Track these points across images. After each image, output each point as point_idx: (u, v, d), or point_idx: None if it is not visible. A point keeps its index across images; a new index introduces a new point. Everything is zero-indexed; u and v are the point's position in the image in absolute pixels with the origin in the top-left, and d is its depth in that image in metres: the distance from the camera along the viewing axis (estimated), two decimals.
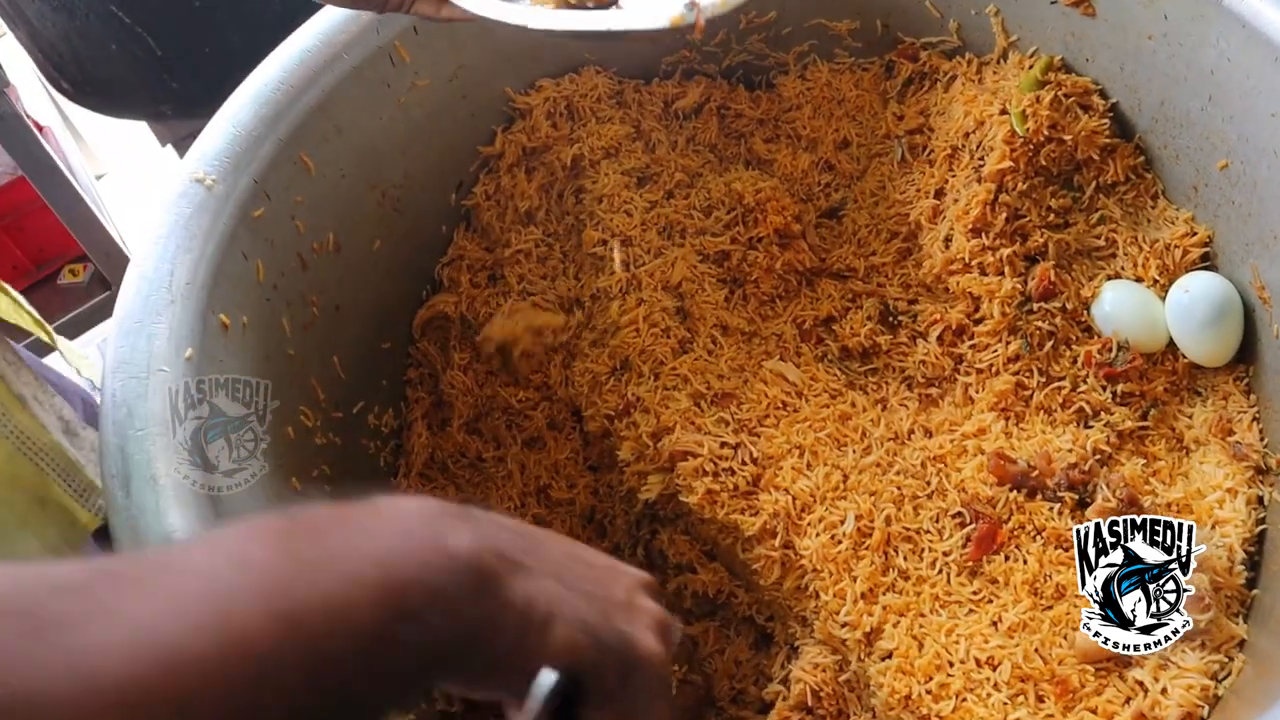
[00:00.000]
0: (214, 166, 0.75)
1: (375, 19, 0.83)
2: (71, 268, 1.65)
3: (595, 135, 0.92)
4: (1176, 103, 0.80)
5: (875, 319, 0.88)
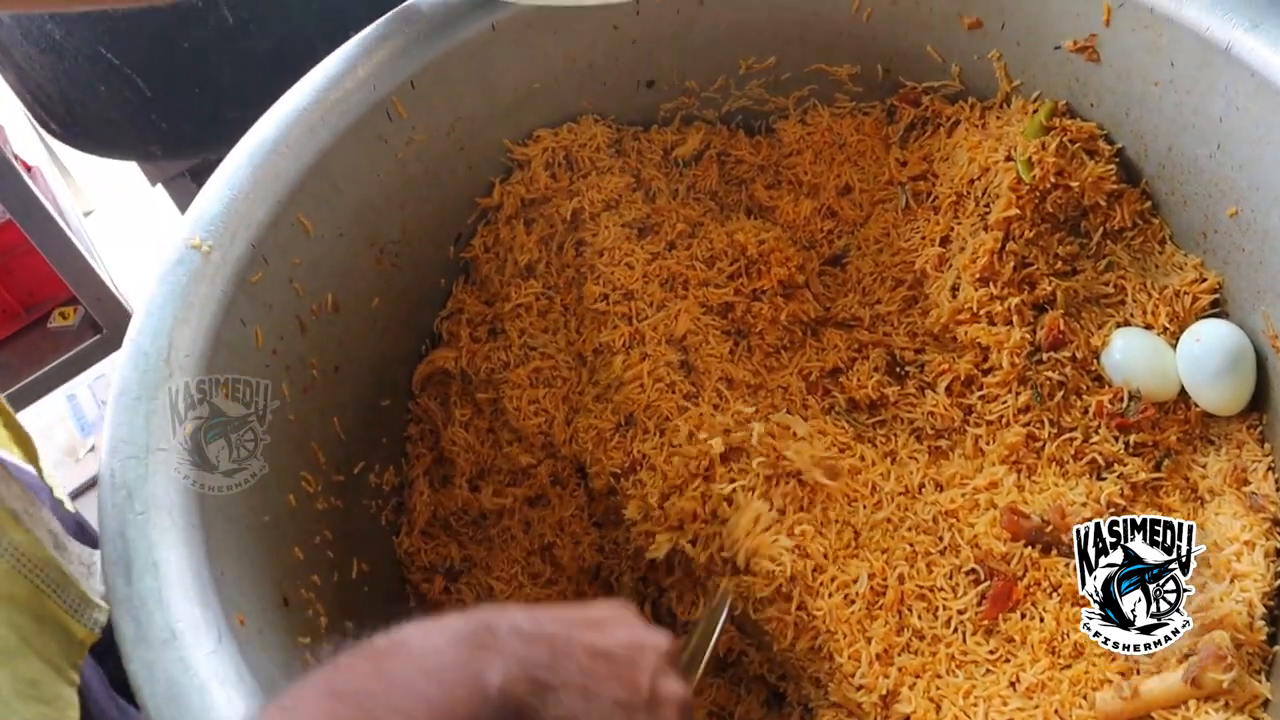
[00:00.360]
0: (210, 232, 0.73)
1: (371, 75, 0.82)
2: (62, 310, 1.63)
3: (595, 188, 0.91)
4: (1184, 149, 0.79)
5: (882, 370, 0.87)
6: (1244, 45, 0.70)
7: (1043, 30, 0.83)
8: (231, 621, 0.61)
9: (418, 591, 0.93)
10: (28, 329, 1.63)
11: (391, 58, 0.82)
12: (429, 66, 0.83)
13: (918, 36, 0.89)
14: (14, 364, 1.60)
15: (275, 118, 0.78)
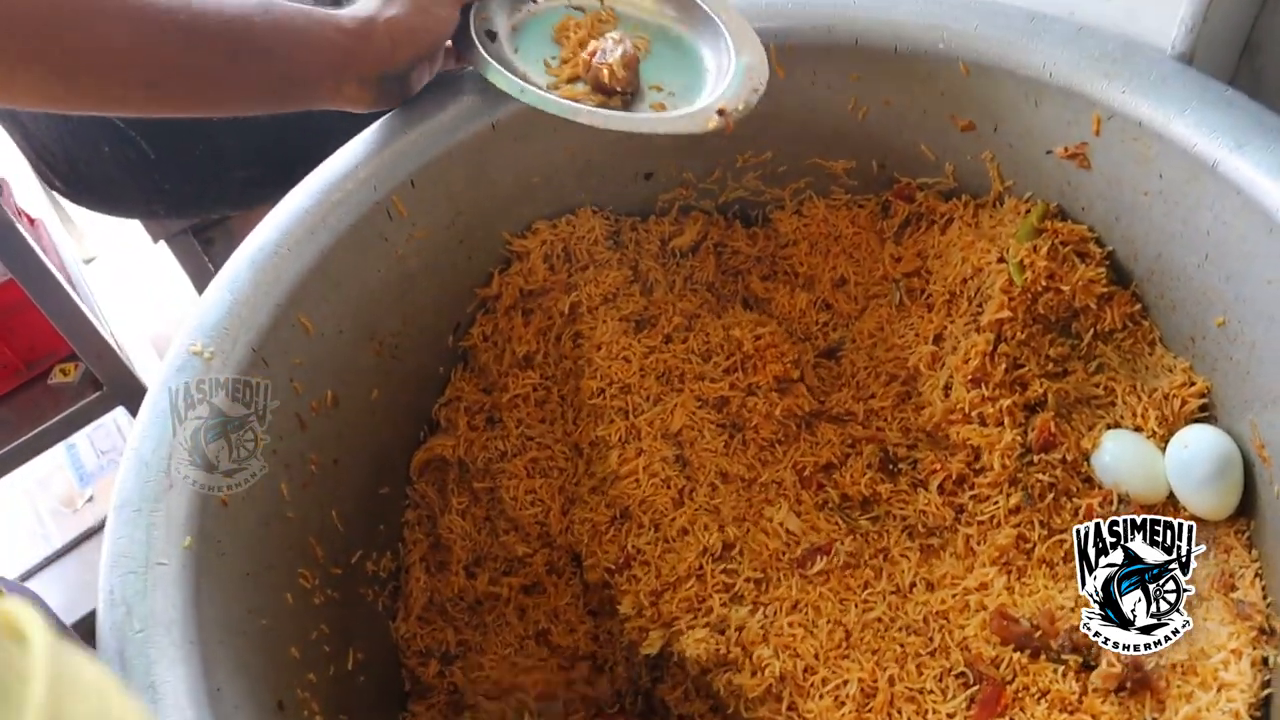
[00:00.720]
0: (211, 338, 0.74)
1: (372, 175, 0.83)
2: (63, 367, 1.63)
3: (592, 282, 0.92)
4: (1173, 257, 0.80)
5: (875, 466, 0.88)
6: (1229, 164, 0.72)
7: (1035, 135, 0.84)
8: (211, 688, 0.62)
9: (413, 675, 0.93)
10: (28, 385, 1.63)
11: (393, 158, 0.83)
12: (429, 165, 0.85)
13: (912, 135, 0.91)
14: (13, 420, 1.60)
15: (276, 221, 0.80)
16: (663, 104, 0.82)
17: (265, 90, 0.75)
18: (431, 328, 0.93)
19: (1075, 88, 0.79)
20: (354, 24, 0.76)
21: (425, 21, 0.79)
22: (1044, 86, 0.81)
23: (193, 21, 0.69)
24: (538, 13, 0.89)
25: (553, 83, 0.84)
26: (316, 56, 0.75)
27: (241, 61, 0.72)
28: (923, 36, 0.84)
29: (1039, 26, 0.81)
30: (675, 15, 0.88)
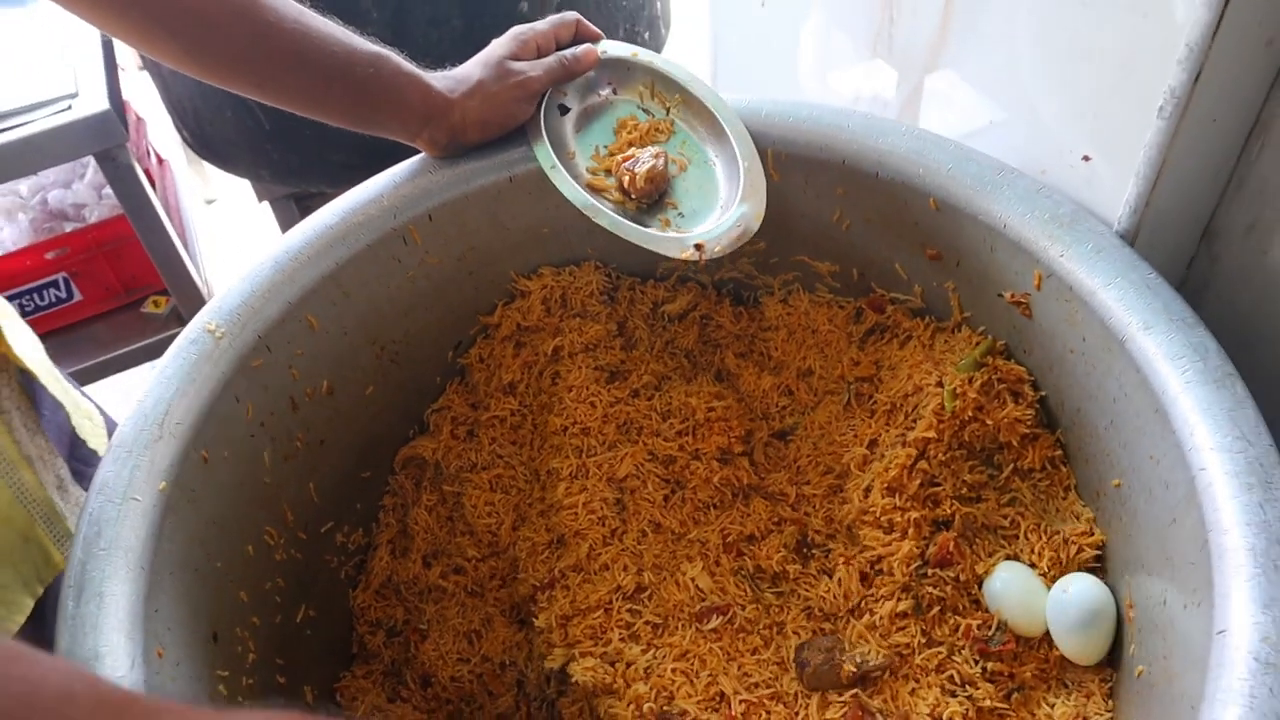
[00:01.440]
0: (225, 320, 0.87)
1: (394, 205, 0.95)
2: (155, 299, 1.82)
3: (577, 330, 1.02)
4: (1088, 415, 0.86)
5: (791, 548, 0.95)
6: (1135, 343, 0.77)
7: (990, 277, 0.91)
8: (150, 653, 0.74)
9: (361, 641, 1.05)
10: (123, 309, 1.82)
11: (414, 192, 0.95)
12: (447, 204, 0.96)
13: (889, 253, 0.98)
14: (104, 337, 1.79)
15: (303, 230, 0.92)
16: (669, 220, 0.94)
17: (351, 119, 0.91)
18: (434, 341, 1.05)
19: (1024, 243, 0.85)
20: (439, 100, 0.92)
21: (499, 116, 0.95)
22: (999, 235, 0.87)
23: (303, 46, 0.85)
24: (614, 103, 1.02)
25: (592, 168, 0.97)
26: (399, 112, 0.92)
27: (335, 92, 0.88)
28: (902, 167, 0.91)
29: (1004, 179, 0.88)
30: (714, 149, 0.99)
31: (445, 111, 0.93)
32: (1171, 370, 0.75)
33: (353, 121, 0.92)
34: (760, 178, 0.94)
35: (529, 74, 0.95)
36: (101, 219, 1.74)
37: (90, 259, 1.75)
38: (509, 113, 0.96)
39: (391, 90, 0.90)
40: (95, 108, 1.49)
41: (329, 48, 0.86)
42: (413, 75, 0.91)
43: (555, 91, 0.99)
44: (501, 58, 0.95)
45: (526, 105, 0.96)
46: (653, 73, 1.01)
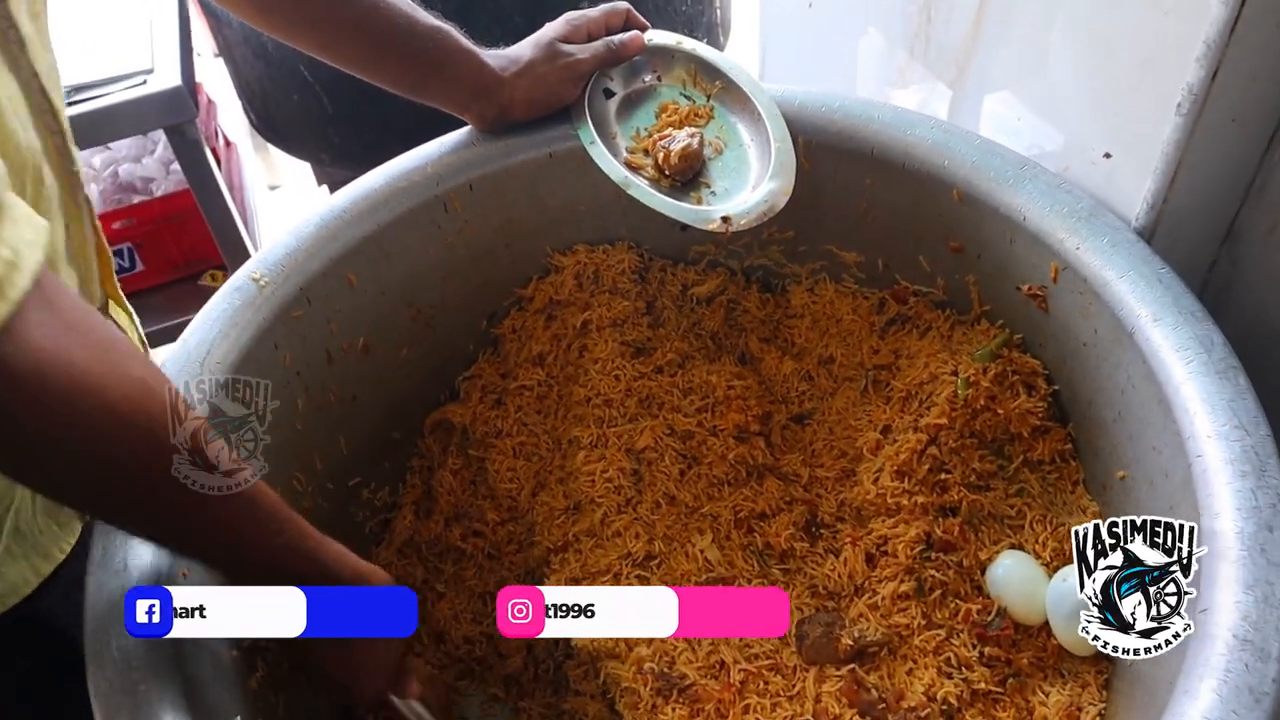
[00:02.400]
0: (269, 270, 0.91)
1: (438, 172, 0.99)
2: (213, 273, 1.89)
3: (606, 306, 1.05)
4: (1098, 407, 0.87)
5: (800, 526, 0.97)
6: (1143, 334, 0.79)
7: (1008, 270, 0.92)
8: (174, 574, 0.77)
9: None
10: (181, 281, 1.89)
11: (457, 162, 0.99)
12: (488, 176, 1.00)
13: (913, 245, 1.00)
14: (163, 306, 1.86)
15: (348, 191, 0.97)
16: (701, 198, 0.97)
17: (405, 86, 0.96)
18: (468, 309, 1.09)
19: (1042, 236, 0.87)
20: (491, 77, 0.96)
21: (547, 97, 1.00)
22: (1018, 228, 0.89)
23: (371, 12, 0.91)
24: (657, 88, 1.06)
25: (631, 148, 1.01)
26: (451, 85, 0.96)
27: (392, 59, 0.94)
28: (928, 158, 0.94)
29: (1026, 173, 0.89)
30: (750, 134, 1.02)
31: (496, 89, 0.97)
32: (1177, 361, 0.76)
33: (406, 88, 0.96)
34: (790, 158, 0.96)
35: (577, 56, 0.99)
36: (167, 193, 1.81)
37: (155, 231, 1.82)
38: (556, 93, 1.00)
39: (446, 64, 0.94)
40: (168, 83, 1.56)
41: (393, 17, 0.91)
42: (468, 51, 0.95)
43: (601, 75, 1.03)
44: (552, 39, 0.99)
45: (573, 86, 1.00)
46: (696, 60, 1.04)
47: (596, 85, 1.02)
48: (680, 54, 1.04)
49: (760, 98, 0.99)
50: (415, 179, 0.98)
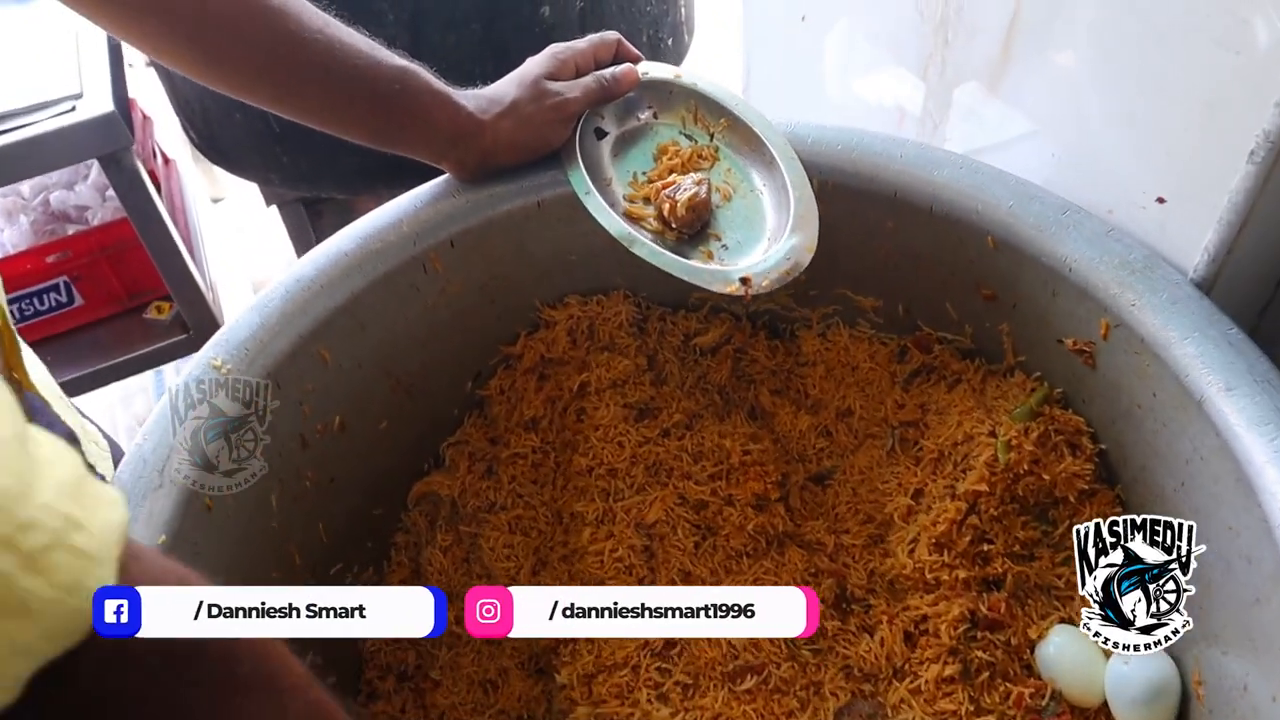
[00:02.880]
0: (231, 355, 0.81)
1: (415, 230, 0.89)
2: (159, 304, 1.76)
3: (605, 366, 0.96)
4: (1154, 474, 0.80)
5: (830, 602, 0.90)
6: (1215, 405, 0.72)
7: (1049, 321, 0.85)
8: None
9: (370, 686, 0.99)
10: (125, 314, 1.76)
11: (436, 218, 0.89)
12: (471, 230, 0.90)
13: (938, 291, 0.93)
14: (106, 343, 1.73)
15: (315, 258, 0.86)
16: (711, 253, 0.88)
17: (374, 137, 0.86)
18: (451, 373, 0.99)
19: (1090, 289, 0.80)
20: (469, 123, 0.86)
21: (532, 140, 0.89)
22: (1062, 279, 0.81)
23: (327, 58, 0.79)
24: (654, 127, 0.95)
25: (629, 195, 0.91)
26: (425, 132, 0.86)
27: (358, 108, 0.83)
28: (958, 202, 0.86)
29: (1071, 219, 0.82)
30: (762, 177, 0.92)
31: (475, 133, 0.87)
32: (1256, 439, 0.69)
33: (376, 139, 0.86)
34: (812, 207, 0.87)
35: (566, 95, 0.89)
36: (104, 222, 1.68)
37: (92, 263, 1.69)
38: (544, 135, 0.90)
39: (417, 108, 0.84)
40: (100, 109, 1.43)
41: (353, 61, 0.80)
42: (441, 93, 0.85)
43: (592, 114, 0.93)
44: (538, 77, 0.89)
45: (562, 128, 0.90)
46: (696, 95, 0.95)
47: (587, 125, 0.92)
48: (679, 89, 0.95)
49: (772, 137, 0.91)
50: (390, 239, 0.88)
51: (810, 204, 0.87)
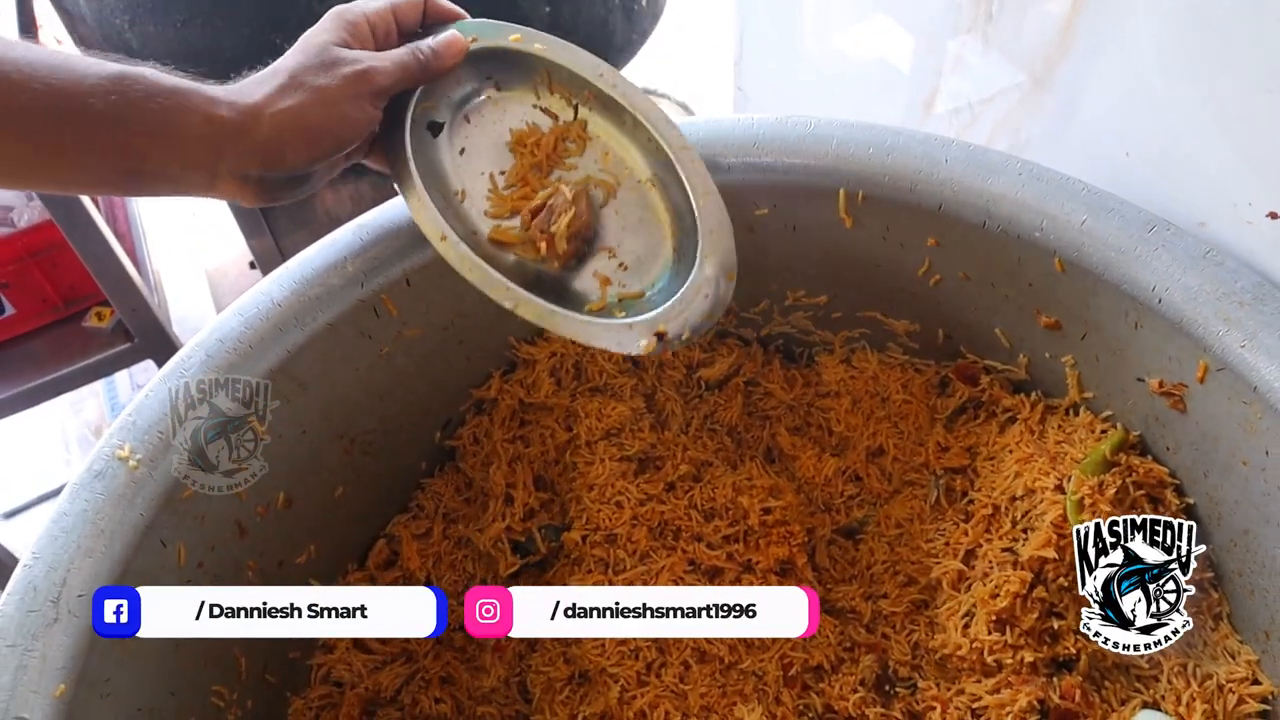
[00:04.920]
0: (142, 441, 0.66)
1: (360, 271, 0.74)
2: (99, 310, 1.60)
3: (596, 416, 0.82)
4: (1263, 541, 0.67)
5: (870, 685, 0.77)
6: None
7: (1128, 357, 0.71)
8: None
9: None
10: (62, 322, 1.60)
11: (387, 253, 0.74)
12: (430, 265, 0.75)
13: (987, 316, 0.78)
14: (42, 355, 1.58)
15: (242, 308, 0.71)
16: (608, 278, 0.70)
17: (106, 175, 0.60)
18: (416, 424, 0.85)
19: (1185, 324, 0.65)
20: (231, 114, 0.61)
21: (328, 121, 0.64)
22: (1148, 310, 0.67)
23: (4, 84, 0.55)
24: (498, 101, 0.74)
25: (490, 209, 0.72)
26: (177, 151, 0.60)
27: (68, 138, 0.57)
28: (1019, 217, 0.71)
29: (1159, 238, 0.67)
30: (646, 157, 0.73)
31: (244, 125, 0.61)
32: None
33: (110, 177, 0.60)
34: (722, 217, 0.70)
35: (371, 64, 0.65)
36: (32, 223, 1.51)
37: (22, 269, 1.52)
38: (344, 116, 0.64)
39: (154, 114, 0.59)
40: None
41: (46, 79, 0.56)
42: (181, 88, 0.60)
43: (421, 104, 0.70)
44: (325, 43, 0.65)
45: (369, 105, 0.65)
46: (546, 63, 0.73)
47: (417, 121, 0.70)
48: (521, 55, 0.72)
49: (654, 120, 0.72)
50: (333, 283, 0.73)
51: (717, 210, 0.70)
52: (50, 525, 0.64)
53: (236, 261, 2.00)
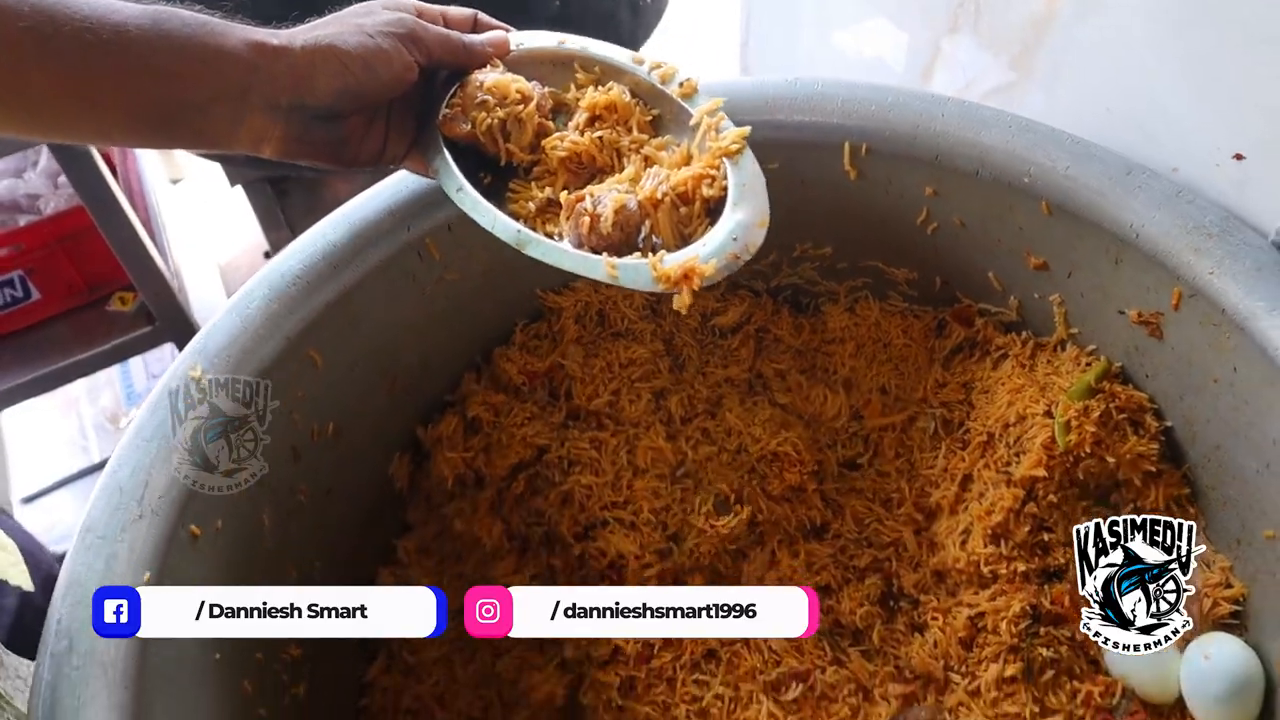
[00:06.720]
0: (212, 363, 0.73)
1: (408, 216, 0.80)
2: (122, 295, 1.65)
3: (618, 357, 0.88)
4: (1233, 454, 0.74)
5: (875, 599, 0.83)
6: None
7: (1109, 292, 0.78)
8: None
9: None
10: (87, 306, 1.66)
11: (432, 201, 0.81)
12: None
13: (981, 260, 0.85)
14: (67, 339, 1.63)
15: (300, 250, 0.78)
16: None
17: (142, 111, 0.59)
18: (450, 364, 0.91)
19: (1160, 256, 0.73)
20: (267, 36, 0.62)
21: (362, 49, 0.63)
22: (1127, 246, 0.74)
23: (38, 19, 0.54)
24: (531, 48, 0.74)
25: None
26: (210, 75, 0.59)
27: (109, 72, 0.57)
28: (1008, 166, 0.78)
29: (1135, 181, 0.74)
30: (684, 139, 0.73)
31: (279, 50, 0.61)
32: None
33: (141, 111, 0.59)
34: (758, 175, 0.70)
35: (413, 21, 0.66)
36: (59, 210, 1.57)
37: (48, 254, 1.58)
38: (379, 49, 0.64)
39: (189, 38, 0.59)
40: None
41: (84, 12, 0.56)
42: (221, 20, 0.61)
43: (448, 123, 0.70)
44: (374, 6, 0.67)
45: (406, 53, 0.65)
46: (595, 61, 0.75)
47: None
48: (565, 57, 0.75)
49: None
50: (384, 225, 0.79)
51: (753, 170, 0.70)
52: (132, 435, 0.70)
53: (249, 253, 2.06)
